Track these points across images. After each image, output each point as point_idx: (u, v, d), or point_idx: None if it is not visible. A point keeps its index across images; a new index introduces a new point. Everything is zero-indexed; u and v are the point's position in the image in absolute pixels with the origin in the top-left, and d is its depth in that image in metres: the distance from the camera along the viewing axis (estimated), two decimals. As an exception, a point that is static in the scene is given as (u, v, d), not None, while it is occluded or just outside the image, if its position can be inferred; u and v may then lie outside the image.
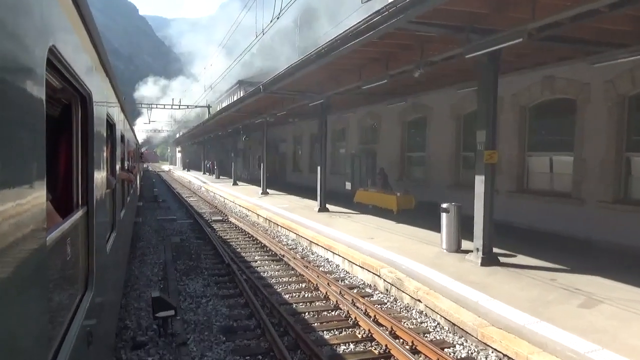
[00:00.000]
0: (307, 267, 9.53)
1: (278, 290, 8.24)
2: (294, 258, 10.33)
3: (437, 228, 12.05)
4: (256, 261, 10.50)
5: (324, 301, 7.63)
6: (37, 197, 1.34)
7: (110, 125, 4.36)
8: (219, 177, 40.23)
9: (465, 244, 9.61)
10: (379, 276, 8.24)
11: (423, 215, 14.84)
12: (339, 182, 23.92)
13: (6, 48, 1.13)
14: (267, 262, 10.46)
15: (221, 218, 17.19)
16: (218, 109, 36.74)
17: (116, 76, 4.70)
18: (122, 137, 6.82)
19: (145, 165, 63.11)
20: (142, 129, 72.43)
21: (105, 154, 3.56)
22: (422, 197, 15.86)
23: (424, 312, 6.89)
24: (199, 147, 59.70)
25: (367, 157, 21.14)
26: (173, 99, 40.50)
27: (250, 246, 12.30)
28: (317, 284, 8.32)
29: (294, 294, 7.97)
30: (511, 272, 7.99)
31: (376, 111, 20.32)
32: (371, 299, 7.72)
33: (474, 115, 15.08)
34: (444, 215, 9.57)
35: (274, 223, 15.05)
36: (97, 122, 2.88)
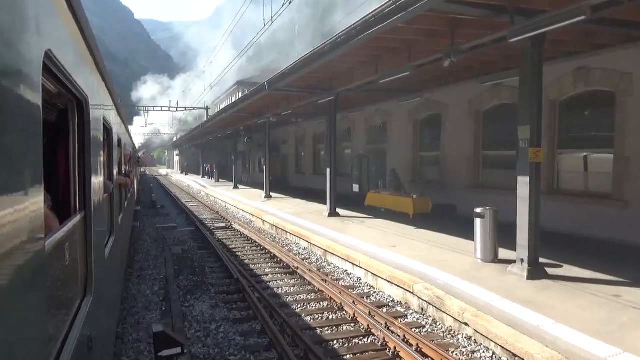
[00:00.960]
0: (325, 281, 8.50)
1: (297, 310, 7.21)
2: (310, 270, 9.30)
3: (462, 234, 11.10)
4: (267, 274, 9.46)
5: (352, 324, 6.60)
6: (35, 202, 1.34)
7: (107, 130, 4.30)
8: (218, 181, 39.18)
9: (502, 253, 8.60)
10: (411, 293, 7.22)
11: (442, 220, 13.86)
12: (345, 184, 22.89)
13: (2, 53, 1.13)
14: (279, 275, 9.43)
15: (224, 225, 16.15)
16: (217, 111, 35.72)
17: (112, 80, 4.71)
18: (119, 141, 6.74)
19: (142, 170, 62.10)
20: (140, 132, 71.41)
21: (102, 159, 3.52)
22: (437, 199, 14.87)
23: (473, 339, 5.87)
24: (197, 150, 58.66)
25: (376, 158, 20.14)
26: (170, 101, 39.42)
27: (259, 256, 11.26)
28: (341, 303, 7.29)
29: (317, 316, 6.94)
30: (565, 287, 6.97)
31: (385, 109, 19.33)
32: (406, 320, 6.70)
33: (496, 111, 14.17)
34: (478, 222, 8.56)
35: (282, 230, 14.01)
36: (94, 126, 2.85)
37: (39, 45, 1.47)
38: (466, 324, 5.99)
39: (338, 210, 15.59)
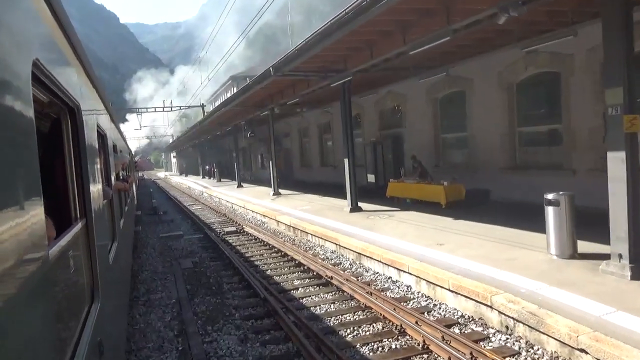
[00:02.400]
0: (370, 294, 7.04)
1: (348, 338, 5.75)
2: (347, 280, 7.84)
3: (511, 223, 9.69)
4: (297, 288, 8.00)
5: (426, 355, 5.14)
6: (35, 213, 1.34)
7: (102, 136, 4.29)
8: (220, 180, 37.65)
9: (580, 246, 7.14)
10: (488, 306, 5.75)
11: (477, 207, 12.43)
12: (358, 175, 21.40)
13: None
14: (312, 288, 7.96)
15: (235, 229, 14.67)
16: (212, 108, 34.12)
17: (103, 86, 4.61)
18: (114, 146, 6.69)
19: (140, 174, 60.57)
20: (135, 136, 69.76)
21: (98, 165, 3.43)
22: (467, 184, 13.38)
23: (597, 371, 4.41)
24: (195, 151, 57.03)
25: (392, 144, 18.63)
26: (164, 101, 37.73)
27: (282, 265, 9.80)
28: (400, 325, 5.83)
29: (375, 345, 5.48)
30: (686, 287, 5.53)
31: (398, 90, 17.78)
32: (491, 345, 5.24)
33: (532, 82, 12.63)
34: (550, 210, 7.07)
35: (302, 231, 12.53)
36: (88, 133, 2.82)
37: (26, 55, 1.47)
38: (583, 351, 4.53)
39: (360, 204, 14.10)
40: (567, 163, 11.33)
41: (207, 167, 46.16)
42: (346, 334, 5.88)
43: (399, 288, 7.50)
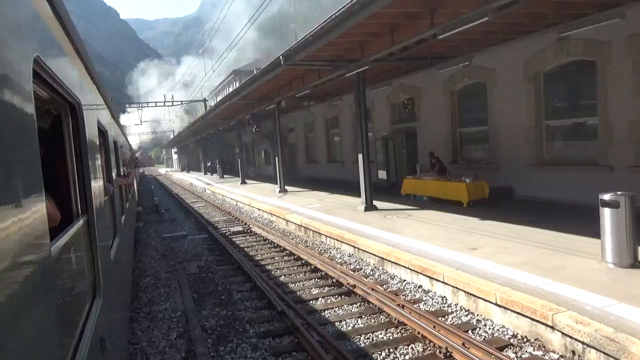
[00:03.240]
0: (401, 306, 6.21)
1: (384, 363, 4.92)
2: (372, 289, 7.01)
3: (546, 224, 8.88)
4: (317, 298, 7.17)
5: (482, 388, 4.31)
6: (37, 209, 1.34)
7: (102, 132, 4.29)
8: (222, 177, 36.80)
9: None
10: (550, 327, 4.92)
11: (502, 206, 11.62)
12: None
13: None
14: (334, 298, 7.14)
15: (242, 229, 13.84)
16: (214, 103, 33.25)
17: (103, 82, 4.58)
18: (115, 143, 6.66)
19: (141, 170, 59.78)
20: (135, 132, 68.97)
21: (99, 162, 3.44)
22: (488, 182, 12.53)
23: None
24: (197, 147, 56.22)
25: (405, 139, 17.77)
26: (165, 95, 36.84)
27: (296, 270, 8.97)
28: (446, 347, 5.00)
29: (418, 373, 4.65)
30: None
31: (412, 83, 16.91)
32: (559, 374, 4.41)
33: (562, 71, 11.72)
34: (607, 213, 6.22)
35: (314, 231, 11.70)
36: (89, 130, 2.83)
37: (27, 52, 1.46)
38: (686, 388, 3.69)
39: (374, 202, 13.25)
40: (602, 159, 10.47)
41: (209, 163, 45.28)
42: (381, 358, 5.05)
43: (432, 299, 6.67)
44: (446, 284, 6.62)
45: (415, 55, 12.84)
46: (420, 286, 7.22)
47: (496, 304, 5.66)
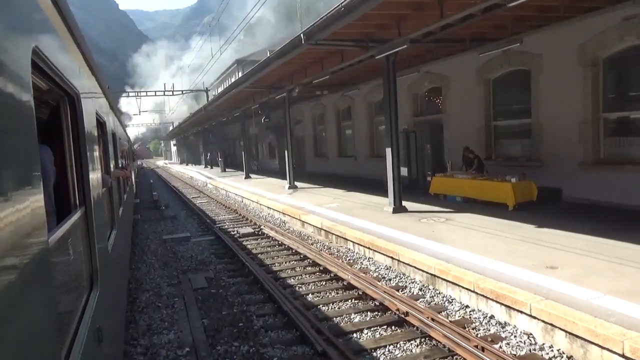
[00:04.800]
0: (481, 349, 4.71)
1: None
2: (432, 320, 5.50)
3: (621, 234, 7.42)
4: (362, 330, 5.64)
5: None
6: (35, 200, 1.34)
7: (101, 124, 4.26)
8: (224, 170, 35.22)
9: None
10: None
11: (556, 210, 10.15)
12: (384, 167, 19.04)
13: None
14: (384, 331, 5.61)
15: (252, 230, 12.30)
16: (216, 95, 31.61)
17: (102, 73, 4.55)
18: (114, 134, 6.59)
19: (139, 162, 58.15)
20: (134, 123, 67.28)
21: (97, 153, 3.47)
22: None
23: None
24: (197, 139, 54.57)
25: (430, 133, 16.21)
26: (165, 84, 35.14)
27: (326, 286, 7.45)
28: None
29: None
30: None
31: (439, 71, 15.35)
32: None
33: (627, 55, 10.19)
34: None
35: (338, 236, 10.18)
36: (87, 121, 2.82)
37: (26, 42, 1.45)
38: None
39: (404, 203, 11.72)
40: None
41: (210, 155, 43.61)
42: None
43: (515, 338, 5.14)
44: (534, 317, 5.10)
45: (452, 37, 11.27)
46: (491, 316, 5.71)
47: (623, 356, 4.15)
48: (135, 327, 6.09)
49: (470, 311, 5.96)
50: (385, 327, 5.70)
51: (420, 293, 6.77)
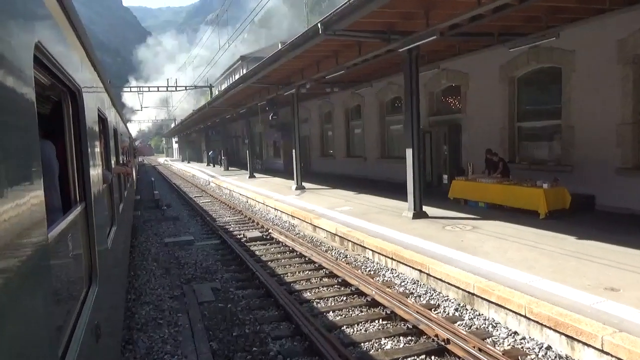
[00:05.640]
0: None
1: None
2: (479, 350, 4.69)
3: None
4: (396, 360, 4.84)
5: None
6: (35, 195, 1.34)
7: (102, 120, 4.24)
8: (227, 169, 34.41)
9: None
10: None
11: (592, 219, 9.36)
12: (396, 168, 18.26)
13: None
14: (422, 362, 4.81)
15: (260, 234, 11.48)
16: (218, 92, 30.77)
17: (104, 69, 4.59)
18: (115, 130, 6.53)
19: (140, 159, 57.40)
20: (135, 119, 66.58)
21: (98, 149, 3.43)
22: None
23: None
24: (199, 136, 53.77)
25: (447, 133, 15.39)
26: (168, 79, 34.31)
27: (348, 302, 6.63)
28: None
29: None
30: None
31: (458, 68, 14.54)
32: None
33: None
34: None
35: (355, 243, 9.38)
36: (89, 117, 2.81)
37: (28, 37, 1.45)
38: None
39: (424, 208, 10.90)
40: None
41: (212, 154, 42.77)
42: None
43: (586, 376, 4.34)
44: (607, 353, 4.29)
45: (479, 31, 10.47)
46: (548, 347, 4.89)
47: None
48: (132, 350, 5.28)
49: (520, 339, 5.14)
50: (424, 357, 4.88)
51: (457, 314, 5.96)
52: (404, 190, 14.77)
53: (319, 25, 9.38)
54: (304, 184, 18.82)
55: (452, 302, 6.32)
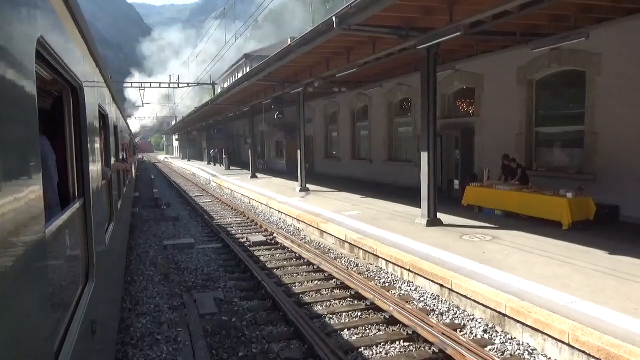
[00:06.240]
0: None
1: None
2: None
3: None
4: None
5: None
6: (34, 190, 1.33)
7: (103, 116, 4.23)
8: (229, 168, 33.84)
9: None
10: None
11: (619, 232, 8.84)
12: (403, 171, 17.74)
13: None
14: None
15: (264, 238, 10.90)
16: (220, 90, 30.24)
17: (106, 66, 4.52)
18: (115, 127, 6.50)
19: (140, 156, 56.82)
20: (136, 116, 66.03)
21: (98, 145, 3.41)
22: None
23: None
24: (200, 134, 53.19)
25: (460, 137, 14.83)
26: (170, 76, 33.73)
27: (363, 319, 6.05)
28: None
29: None
30: None
31: (472, 70, 14.01)
32: None
33: None
34: None
35: (368, 252, 8.81)
36: (90, 113, 2.78)
37: (31, 32, 1.44)
38: None
39: (438, 215, 10.33)
40: None
41: (213, 152, 42.18)
42: None
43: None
44: (673, 392, 3.72)
45: (501, 29, 9.92)
46: (599, 381, 4.32)
47: None
48: (127, 371, 4.71)
49: (565, 370, 4.57)
50: (457, 389, 4.31)
51: (486, 337, 5.39)
52: (412, 195, 14.27)
53: (333, 18, 8.80)
54: (308, 186, 18.24)
55: (480, 323, 5.74)
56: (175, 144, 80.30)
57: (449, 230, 9.61)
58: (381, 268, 8.27)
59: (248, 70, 34.16)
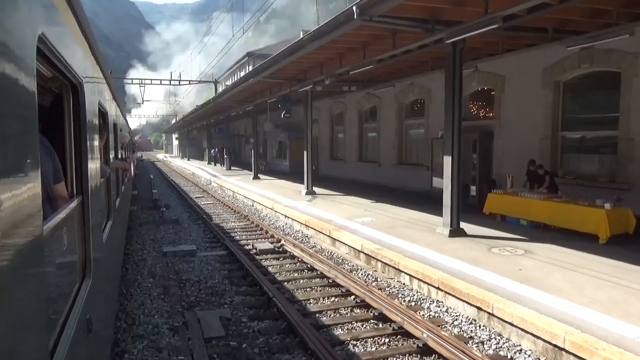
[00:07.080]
0: None
1: None
2: None
3: None
4: None
5: None
6: (32, 187, 1.33)
7: (103, 113, 4.19)
8: (230, 168, 33.03)
9: None
10: None
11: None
12: (414, 175, 16.99)
13: None
14: None
15: (271, 245, 10.10)
16: (222, 88, 29.47)
17: (107, 63, 4.53)
18: (115, 125, 6.52)
19: (139, 155, 56.02)
20: (136, 114, 65.27)
21: (98, 143, 3.38)
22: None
23: None
24: (200, 133, 52.41)
25: (477, 141, 14.05)
26: (172, 73, 32.94)
27: (395, 349, 5.27)
28: None
29: None
30: None
31: (493, 69, 13.26)
32: None
33: None
34: None
35: (388, 265, 8.02)
36: (89, 110, 2.78)
37: (32, 29, 1.43)
38: None
39: (462, 225, 9.56)
40: None
41: (213, 152, 41.35)
42: None
43: None
44: None
45: (532, 25, 9.16)
46: None
47: None
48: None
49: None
50: None
51: (543, 375, 4.61)
52: (424, 200, 13.54)
53: (354, 8, 8.02)
54: (314, 188, 17.46)
55: (529, 356, 4.96)
56: (175, 142, 79.46)
57: (474, 241, 8.84)
58: (404, 284, 7.49)
59: (250, 69, 33.40)
